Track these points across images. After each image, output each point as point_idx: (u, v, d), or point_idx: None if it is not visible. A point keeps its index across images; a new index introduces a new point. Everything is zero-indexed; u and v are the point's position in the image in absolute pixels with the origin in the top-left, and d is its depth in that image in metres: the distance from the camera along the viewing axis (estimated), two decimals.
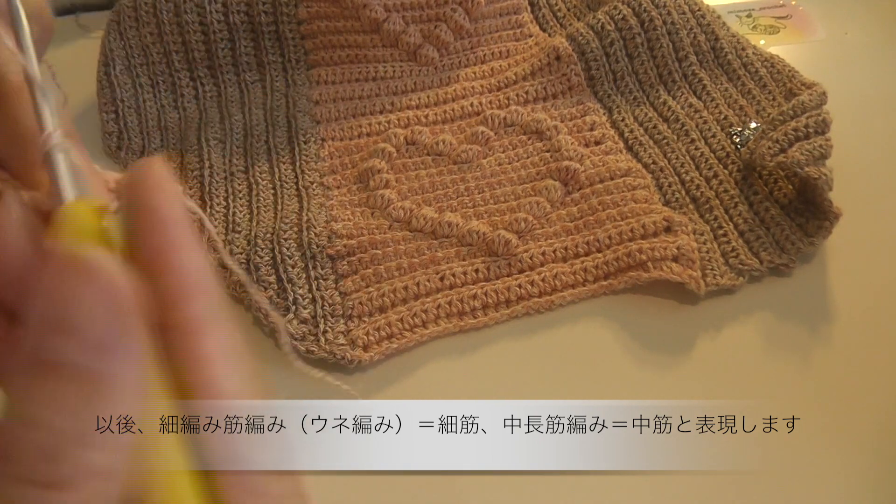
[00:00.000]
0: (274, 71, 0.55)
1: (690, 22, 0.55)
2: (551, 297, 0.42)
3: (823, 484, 0.34)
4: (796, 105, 0.46)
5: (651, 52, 0.54)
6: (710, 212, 0.46)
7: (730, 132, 0.50)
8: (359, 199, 0.47)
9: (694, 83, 0.54)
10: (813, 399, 0.38)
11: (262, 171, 0.49)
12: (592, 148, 0.50)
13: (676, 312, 0.41)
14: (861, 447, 0.36)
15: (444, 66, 0.55)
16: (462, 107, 0.53)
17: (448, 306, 0.41)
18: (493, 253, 0.43)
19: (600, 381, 0.39)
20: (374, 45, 0.55)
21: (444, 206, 0.46)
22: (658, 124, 0.51)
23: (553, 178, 0.47)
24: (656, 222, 0.43)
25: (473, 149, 0.49)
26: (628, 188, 0.46)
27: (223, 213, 0.47)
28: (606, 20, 0.54)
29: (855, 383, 0.38)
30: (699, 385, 0.38)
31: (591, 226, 0.45)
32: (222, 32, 0.54)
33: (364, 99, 0.53)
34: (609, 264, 0.43)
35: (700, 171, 0.48)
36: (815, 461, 0.35)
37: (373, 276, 0.42)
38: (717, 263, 0.43)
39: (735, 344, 0.40)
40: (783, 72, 0.54)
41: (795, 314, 0.41)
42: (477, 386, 0.39)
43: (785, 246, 0.43)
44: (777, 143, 0.44)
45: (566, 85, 0.54)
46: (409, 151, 0.50)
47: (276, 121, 0.52)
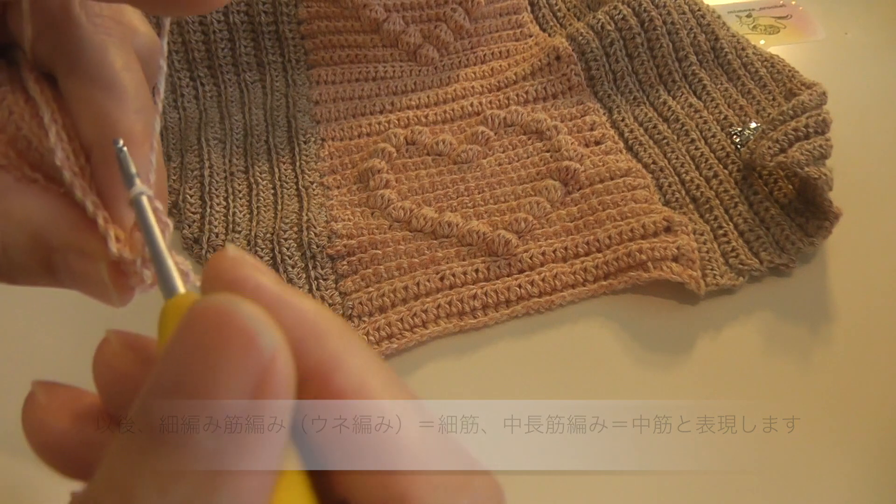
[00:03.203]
0: (274, 71, 0.55)
1: (690, 22, 0.55)
2: (551, 297, 0.42)
3: (823, 484, 0.34)
4: (796, 105, 0.46)
5: (651, 52, 0.54)
6: (710, 212, 0.46)
7: (730, 132, 0.50)
8: (359, 199, 0.47)
9: (694, 83, 0.54)
10: (813, 399, 0.38)
11: (262, 171, 0.49)
12: (592, 148, 0.50)
13: (676, 312, 0.41)
14: (861, 447, 0.36)
15: (444, 66, 0.55)
16: (462, 107, 0.53)
17: (448, 306, 0.41)
18: (493, 253, 0.43)
19: (600, 381, 0.39)
20: (374, 45, 0.55)
21: (444, 206, 0.46)
22: (658, 124, 0.51)
23: (553, 178, 0.47)
24: (656, 222, 0.43)
25: (473, 149, 0.49)
26: (628, 188, 0.46)
27: (223, 213, 0.47)
28: (606, 20, 0.54)
29: (855, 383, 0.38)
30: (699, 385, 0.38)
31: (591, 226, 0.45)
32: (222, 32, 0.54)
33: (364, 99, 0.53)
34: (609, 264, 0.43)
35: (700, 171, 0.48)
36: (815, 461, 0.35)
37: (373, 276, 0.42)
38: (717, 263, 0.43)
39: (735, 344, 0.40)
40: (783, 72, 0.54)
41: (795, 314, 0.41)
42: (477, 386, 0.39)
43: (785, 246, 0.43)
44: (777, 143, 0.44)
45: (566, 85, 0.54)
46: (409, 151, 0.50)
47: (276, 121, 0.52)
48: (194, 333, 0.12)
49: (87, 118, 0.20)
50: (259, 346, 0.12)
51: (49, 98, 0.21)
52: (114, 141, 0.19)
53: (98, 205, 0.20)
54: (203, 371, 0.12)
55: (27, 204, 0.20)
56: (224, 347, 0.12)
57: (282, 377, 0.12)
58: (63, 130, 0.21)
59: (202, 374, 0.12)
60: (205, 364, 0.12)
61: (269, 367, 0.12)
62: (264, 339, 0.12)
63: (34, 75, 0.21)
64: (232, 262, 0.14)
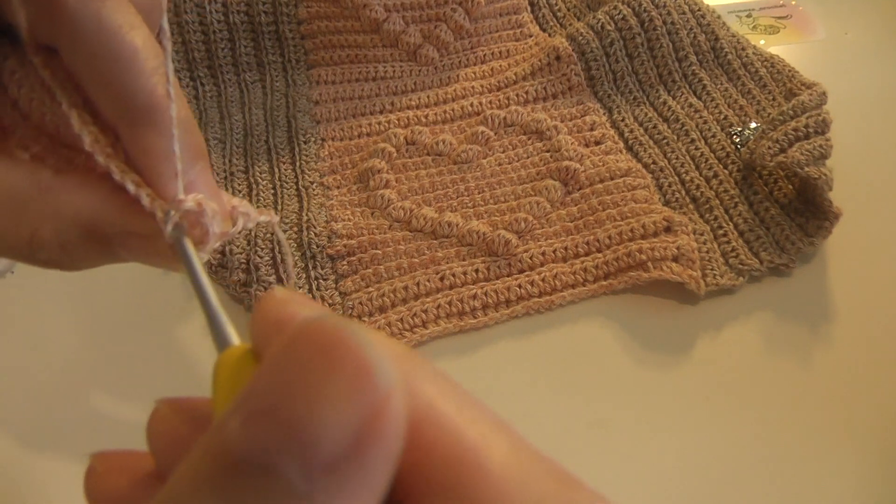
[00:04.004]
0: (274, 71, 0.55)
1: (690, 22, 0.55)
2: (551, 297, 0.42)
3: (824, 484, 0.34)
4: (796, 105, 0.46)
5: (651, 52, 0.54)
6: (710, 212, 0.46)
7: (730, 132, 0.50)
8: (359, 199, 0.47)
9: (694, 83, 0.54)
10: (813, 399, 0.38)
11: (262, 171, 0.49)
12: (592, 148, 0.50)
13: (676, 312, 0.41)
14: (861, 447, 0.36)
15: (444, 66, 0.55)
16: (462, 107, 0.53)
17: (448, 306, 0.41)
18: (493, 253, 0.43)
19: (600, 381, 0.39)
20: (374, 45, 0.55)
21: (444, 206, 0.46)
22: (658, 124, 0.51)
23: (553, 178, 0.47)
24: (656, 222, 0.43)
25: (473, 149, 0.49)
26: (628, 188, 0.46)
27: None
28: (606, 20, 0.54)
29: (855, 383, 0.38)
30: (699, 385, 0.38)
31: (591, 226, 0.45)
32: (222, 32, 0.54)
33: (364, 99, 0.53)
34: (609, 264, 0.43)
35: (700, 171, 0.48)
36: (816, 461, 0.35)
37: (373, 276, 0.42)
38: (717, 263, 0.43)
39: (735, 344, 0.40)
40: (783, 72, 0.54)
41: (795, 314, 0.41)
42: (477, 386, 0.39)
43: (785, 246, 0.43)
44: (777, 143, 0.44)
45: (566, 85, 0.54)
46: (409, 151, 0.50)
47: (276, 121, 0.52)
48: (299, 352, 0.10)
49: (103, 95, 0.19)
50: (375, 379, 0.10)
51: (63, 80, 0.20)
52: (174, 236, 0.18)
53: (139, 182, 0.19)
54: (305, 396, 0.10)
55: (73, 199, 0.19)
56: (333, 373, 0.10)
57: (394, 421, 0.10)
58: (85, 112, 0.19)
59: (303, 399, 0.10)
60: (307, 388, 0.10)
61: (383, 405, 0.10)
62: (382, 371, 0.10)
63: (41, 59, 0.20)
64: (280, 303, 0.13)
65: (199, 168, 0.20)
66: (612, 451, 0.36)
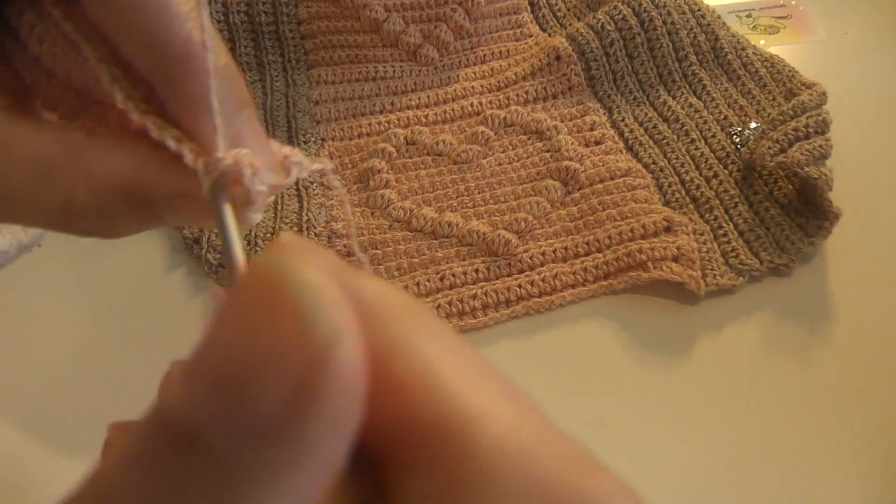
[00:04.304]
0: (274, 71, 0.55)
1: (690, 22, 0.55)
2: (551, 297, 0.42)
3: (824, 483, 0.34)
4: (796, 105, 0.46)
5: (651, 52, 0.54)
6: (710, 212, 0.46)
7: (730, 132, 0.50)
8: (359, 199, 0.47)
9: (694, 83, 0.54)
10: (813, 399, 0.38)
11: None
12: (592, 148, 0.50)
13: (676, 312, 0.41)
14: (861, 447, 0.36)
15: (444, 66, 0.55)
16: (462, 107, 0.53)
17: (448, 306, 0.41)
18: (493, 253, 0.43)
19: (600, 380, 0.39)
20: (374, 45, 0.55)
21: (444, 206, 0.46)
22: (658, 124, 0.51)
23: (553, 178, 0.47)
24: (656, 222, 0.43)
25: (473, 149, 0.49)
26: (628, 188, 0.46)
27: None
28: (606, 20, 0.54)
29: (855, 383, 0.38)
30: (699, 385, 0.38)
31: (591, 226, 0.45)
32: (222, 32, 0.54)
33: (364, 99, 0.53)
34: (609, 264, 0.43)
35: (700, 171, 0.48)
36: (815, 461, 0.35)
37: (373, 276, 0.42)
38: (717, 263, 0.43)
39: (735, 344, 0.40)
40: (783, 72, 0.54)
41: (795, 314, 0.41)
42: None
43: (785, 246, 0.43)
44: (777, 143, 0.44)
45: (566, 85, 0.54)
46: (409, 151, 0.50)
47: (276, 121, 0.52)
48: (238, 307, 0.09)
49: (133, 45, 0.17)
50: (309, 329, 0.09)
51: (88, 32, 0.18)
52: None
53: (180, 137, 0.17)
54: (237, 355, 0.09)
55: (109, 160, 0.17)
56: (267, 327, 0.09)
57: (341, 377, 0.09)
58: (115, 65, 0.17)
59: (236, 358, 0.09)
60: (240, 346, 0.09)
61: (322, 359, 0.09)
62: (319, 320, 0.09)
63: (61, 10, 0.18)
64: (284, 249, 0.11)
65: (244, 117, 0.18)
66: (612, 451, 0.36)
